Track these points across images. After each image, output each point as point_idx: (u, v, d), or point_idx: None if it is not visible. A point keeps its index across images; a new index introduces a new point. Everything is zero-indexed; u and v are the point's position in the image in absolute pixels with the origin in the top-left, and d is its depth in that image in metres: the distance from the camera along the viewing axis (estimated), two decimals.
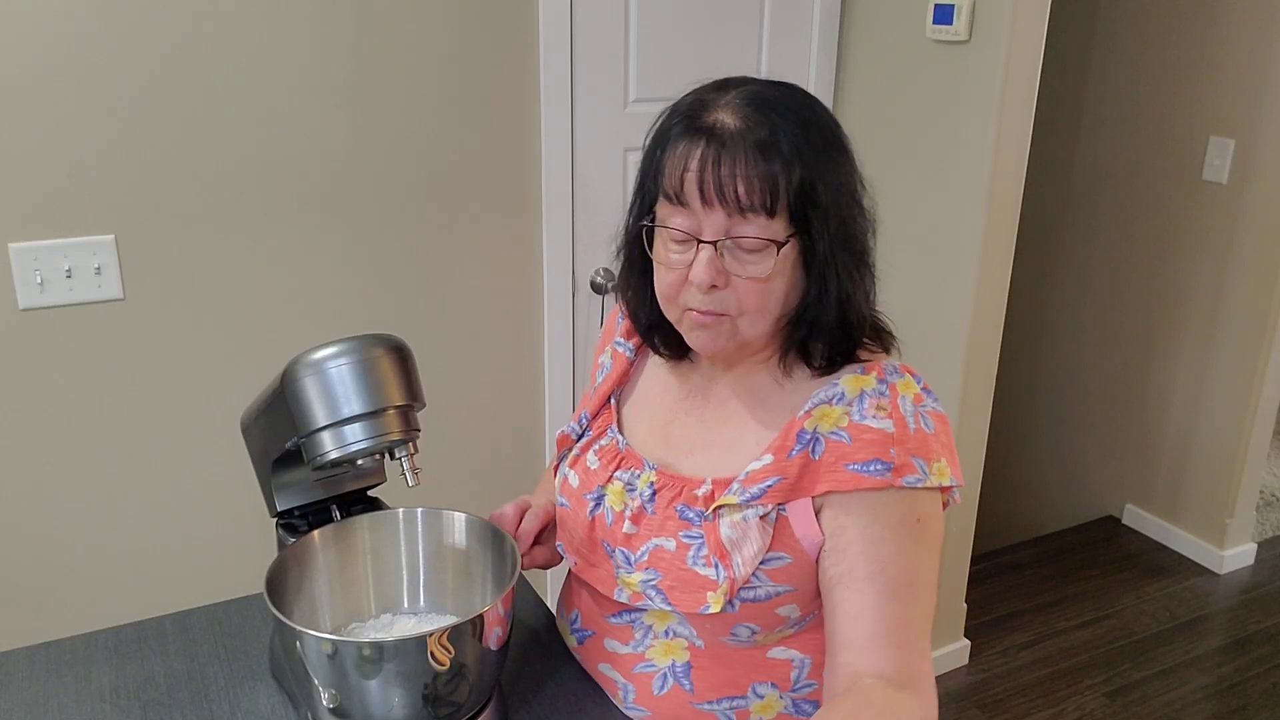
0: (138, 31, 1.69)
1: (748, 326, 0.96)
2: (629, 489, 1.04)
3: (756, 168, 0.90)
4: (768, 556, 0.95)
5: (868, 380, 0.96)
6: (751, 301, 0.94)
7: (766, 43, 2.31)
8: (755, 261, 0.92)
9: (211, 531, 1.98)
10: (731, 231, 0.91)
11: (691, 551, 0.97)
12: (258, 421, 1.09)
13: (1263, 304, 2.84)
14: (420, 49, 1.93)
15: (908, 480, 0.93)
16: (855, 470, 0.93)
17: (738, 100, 0.93)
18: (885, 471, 0.92)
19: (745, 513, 0.95)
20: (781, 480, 0.95)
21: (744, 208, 0.90)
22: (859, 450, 0.93)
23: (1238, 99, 2.83)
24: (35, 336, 1.75)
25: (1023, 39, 2.06)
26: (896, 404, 0.95)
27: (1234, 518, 3.03)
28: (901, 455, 0.93)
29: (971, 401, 2.31)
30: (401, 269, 2.04)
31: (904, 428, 0.94)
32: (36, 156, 1.68)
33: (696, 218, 0.92)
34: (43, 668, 1.10)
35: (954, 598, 2.53)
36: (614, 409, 1.12)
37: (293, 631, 0.90)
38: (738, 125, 0.91)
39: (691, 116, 0.94)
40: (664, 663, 1.01)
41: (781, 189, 0.90)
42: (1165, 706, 2.48)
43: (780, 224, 0.91)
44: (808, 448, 0.95)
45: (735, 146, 0.90)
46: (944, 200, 2.22)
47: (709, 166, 0.90)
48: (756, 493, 0.95)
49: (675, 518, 1.00)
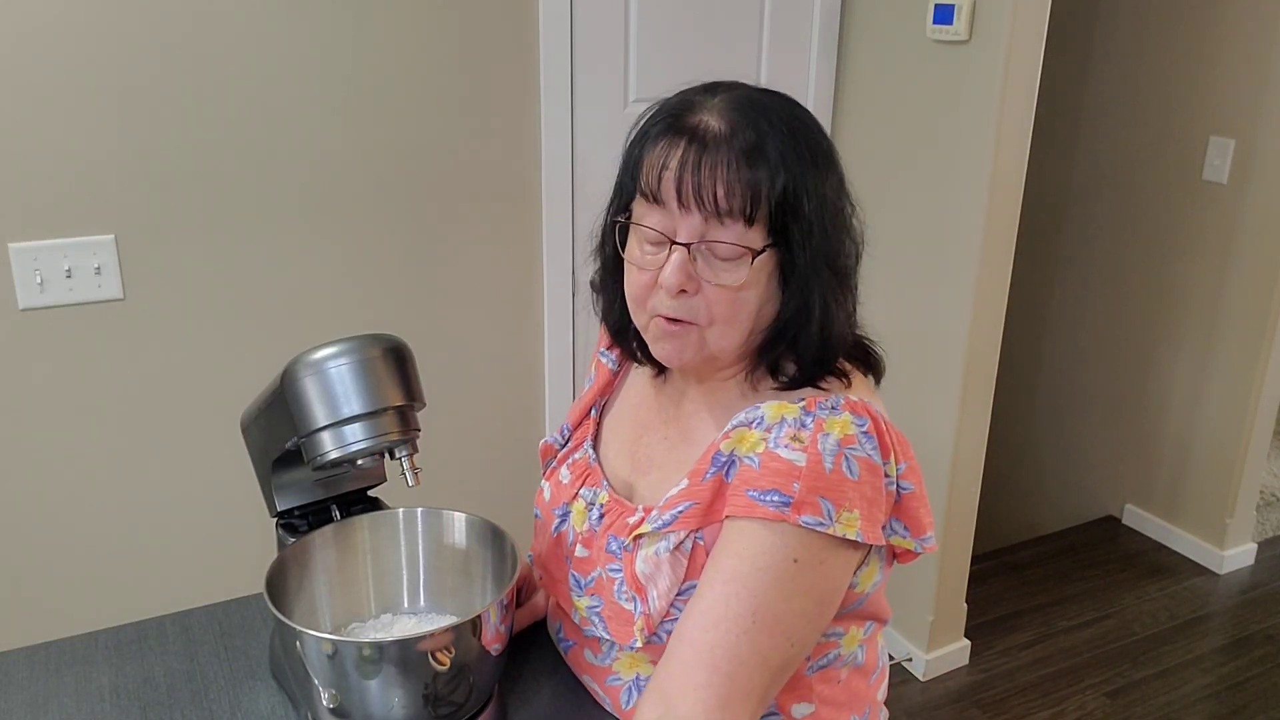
0: (138, 31, 1.69)
1: (716, 338, 0.92)
2: (590, 507, 1.02)
3: (738, 173, 0.86)
4: (684, 587, 0.91)
5: (791, 409, 0.90)
6: (721, 310, 0.90)
7: (766, 43, 2.31)
8: (728, 269, 0.88)
9: (211, 531, 1.98)
10: (707, 236, 0.88)
11: (615, 586, 0.96)
12: (258, 421, 1.09)
13: (1263, 304, 2.84)
14: (420, 48, 1.93)
15: (805, 520, 0.85)
16: (753, 497, 0.87)
17: (724, 104, 0.90)
18: (783, 506, 0.86)
19: (658, 545, 0.92)
20: (694, 505, 0.91)
21: (721, 212, 0.87)
22: (763, 478, 0.87)
23: (1238, 99, 2.83)
24: (35, 336, 1.75)
25: (1023, 39, 2.06)
26: (815, 439, 0.87)
27: (1234, 518, 3.03)
28: (805, 492, 0.86)
29: (971, 401, 2.31)
30: (401, 269, 2.03)
31: (817, 464, 0.86)
32: (36, 156, 1.68)
33: (672, 218, 0.89)
34: (43, 668, 1.10)
35: (954, 598, 2.53)
36: (594, 421, 1.10)
37: (293, 631, 0.90)
38: (722, 129, 0.88)
39: (675, 116, 0.90)
40: (629, 676, 1.01)
41: (763, 196, 0.86)
42: (1165, 706, 2.48)
43: (758, 233, 0.88)
44: (722, 470, 0.91)
45: (718, 149, 0.87)
46: (944, 200, 2.22)
47: (689, 167, 0.87)
48: (669, 519, 0.92)
49: (604, 550, 0.98)
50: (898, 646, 2.59)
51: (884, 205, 2.32)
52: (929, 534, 0.94)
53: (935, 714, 2.44)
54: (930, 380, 2.33)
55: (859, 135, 2.41)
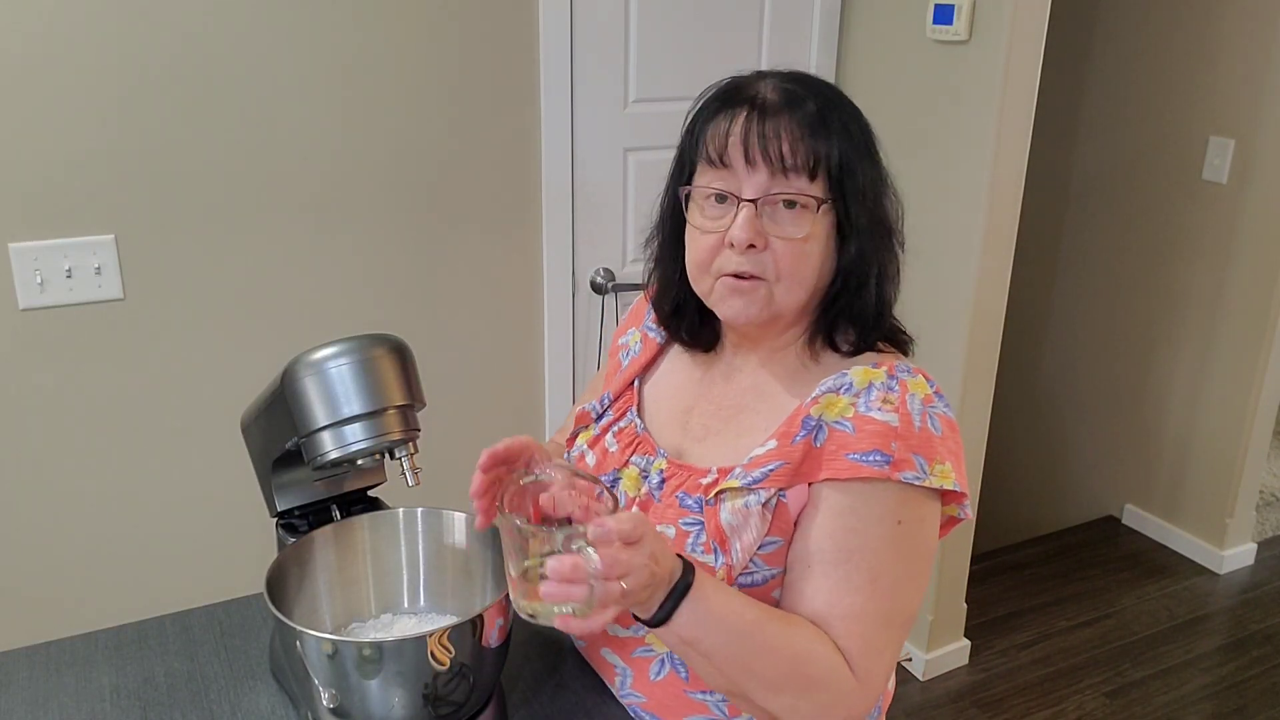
0: (138, 31, 1.69)
1: (783, 294, 0.97)
2: (643, 475, 1.05)
3: (800, 132, 0.93)
4: (765, 542, 0.95)
5: (878, 374, 0.96)
6: (787, 264, 0.95)
7: (766, 43, 2.31)
8: (793, 221, 0.94)
9: (211, 531, 1.98)
10: (772, 190, 0.94)
11: (691, 539, 0.98)
12: (258, 421, 1.09)
13: (1263, 304, 2.84)
14: (420, 49, 1.93)
15: (905, 475, 0.92)
16: (854, 460, 0.93)
17: (778, 80, 0.97)
18: (884, 463, 0.92)
19: (747, 498, 0.95)
20: (784, 465, 0.95)
21: (787, 167, 0.93)
22: (861, 440, 0.93)
23: (1238, 99, 2.83)
24: (35, 336, 1.75)
25: (1023, 39, 2.06)
26: (905, 400, 0.95)
27: (1234, 518, 3.03)
28: (903, 450, 0.92)
29: (971, 401, 2.31)
30: (401, 269, 2.04)
31: (909, 423, 0.93)
32: (36, 156, 1.68)
33: (738, 178, 0.95)
34: (43, 668, 1.10)
35: (954, 598, 2.53)
36: (636, 392, 1.13)
37: (293, 631, 0.90)
38: (779, 98, 0.95)
39: (731, 92, 0.97)
40: (663, 648, 1.01)
41: (823, 155, 0.94)
42: (1165, 706, 2.48)
43: (819, 187, 0.94)
44: (811, 434, 0.95)
45: (779, 114, 0.94)
46: (944, 200, 2.22)
47: (753, 129, 0.93)
48: (759, 476, 0.96)
49: (676, 505, 1.00)
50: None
51: None
52: (967, 501, 0.99)
53: (935, 714, 2.44)
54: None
55: None
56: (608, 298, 2.25)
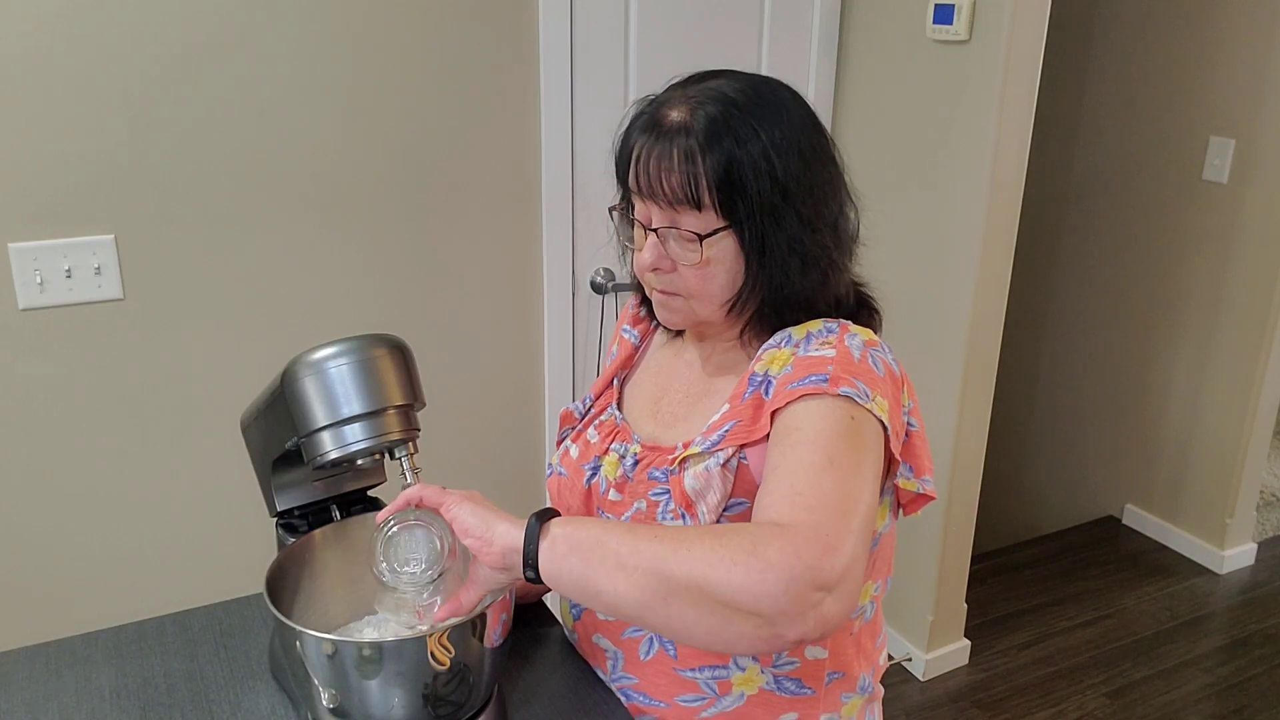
0: (138, 31, 1.69)
1: (699, 308, 1.01)
2: (622, 458, 1.07)
3: (680, 163, 0.94)
4: (731, 503, 0.96)
5: (816, 323, 0.99)
6: (693, 285, 0.99)
7: (766, 43, 2.31)
8: (688, 250, 0.97)
9: (211, 531, 1.98)
10: (673, 222, 0.97)
11: (660, 508, 1.00)
12: (258, 421, 1.09)
13: (1263, 304, 2.84)
14: (420, 49, 1.93)
15: (844, 390, 0.90)
16: (793, 386, 0.93)
17: (693, 94, 0.97)
18: (821, 381, 0.91)
19: (707, 462, 0.97)
20: (738, 424, 0.97)
21: (673, 201, 0.95)
22: (796, 373, 0.94)
23: (1238, 99, 2.83)
24: (35, 336, 1.75)
25: (1023, 39, 2.06)
26: (843, 338, 0.96)
27: (1234, 518, 3.03)
28: (840, 373, 0.92)
29: (971, 401, 2.31)
30: (401, 269, 2.04)
31: (846, 355, 0.94)
32: (36, 156, 1.68)
33: (646, 207, 0.99)
34: (43, 668, 1.10)
35: (954, 598, 2.53)
36: (616, 389, 1.17)
37: (293, 631, 0.90)
38: (679, 120, 0.95)
39: (653, 110, 0.99)
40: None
41: (703, 185, 0.94)
42: (1165, 706, 2.48)
43: (709, 216, 0.95)
44: (759, 389, 0.97)
45: (667, 142, 0.95)
46: (944, 200, 2.22)
47: (644, 162, 0.96)
48: (716, 439, 0.97)
49: (646, 480, 1.03)
50: (898, 646, 2.59)
51: (884, 205, 2.32)
52: (928, 476, 0.99)
53: (935, 714, 2.44)
54: (930, 380, 2.33)
55: (859, 135, 2.41)
56: (608, 298, 2.25)
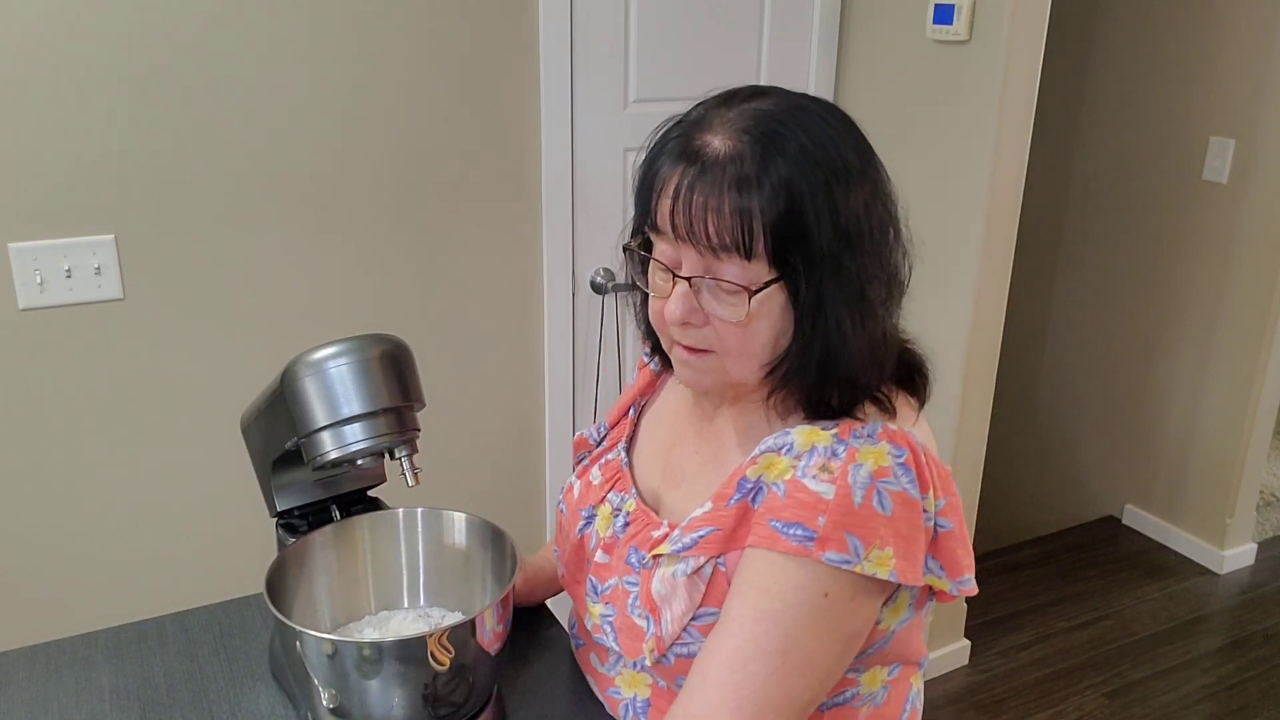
0: (138, 31, 1.69)
1: (735, 367, 0.87)
2: (616, 513, 1.00)
3: (730, 202, 0.80)
4: (700, 613, 0.88)
5: (823, 436, 0.85)
6: (731, 343, 0.86)
7: (766, 43, 2.31)
8: (729, 304, 0.83)
9: (211, 531, 1.98)
10: (710, 270, 0.83)
11: (630, 599, 0.94)
12: (258, 421, 1.09)
13: (1263, 304, 2.84)
14: (420, 49, 1.93)
15: (829, 556, 0.81)
16: (775, 528, 0.83)
17: (736, 119, 0.84)
18: (806, 540, 0.82)
19: (677, 567, 0.89)
20: (716, 531, 0.88)
21: (716, 247, 0.81)
22: (787, 509, 0.83)
23: (1238, 99, 2.83)
24: (35, 336, 1.75)
25: (1023, 39, 2.06)
26: (846, 470, 0.82)
27: (1234, 518, 3.03)
28: (832, 527, 0.81)
29: (971, 402, 2.31)
30: (401, 269, 2.04)
31: (845, 498, 0.82)
32: (36, 156, 1.67)
33: (676, 250, 0.85)
34: (43, 668, 1.10)
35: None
36: (631, 422, 1.08)
37: (293, 631, 0.90)
38: (724, 151, 0.82)
39: (686, 134, 0.85)
40: (628, 694, 1.00)
41: (757, 229, 0.80)
42: (1165, 706, 2.48)
43: (760, 266, 0.82)
44: (748, 497, 0.87)
45: (713, 177, 0.81)
46: (944, 200, 2.22)
47: (681, 198, 0.82)
48: (690, 543, 0.89)
49: (624, 564, 0.96)
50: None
51: None
52: (967, 576, 0.88)
53: (935, 714, 2.44)
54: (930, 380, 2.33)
55: None
56: (608, 298, 2.25)
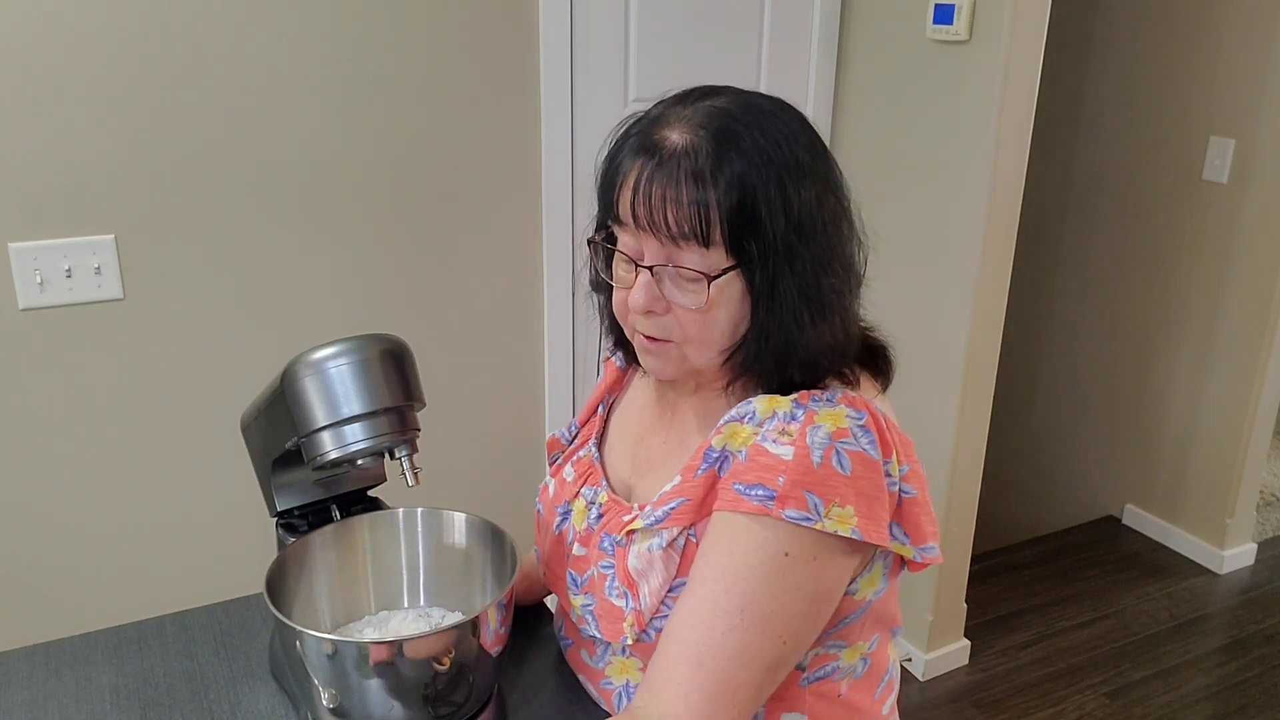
0: (137, 31, 1.69)
1: (694, 354, 0.91)
2: (589, 506, 1.02)
3: (688, 193, 0.84)
4: (675, 584, 0.91)
5: (783, 402, 0.88)
6: (691, 330, 0.89)
7: (766, 43, 2.31)
8: (691, 291, 0.87)
9: (211, 531, 1.98)
10: (671, 259, 0.87)
11: (608, 582, 0.96)
12: (258, 421, 1.09)
13: (1263, 304, 2.84)
14: (420, 48, 1.93)
15: (789, 513, 0.84)
16: (738, 491, 0.86)
17: (693, 115, 0.87)
18: (766, 499, 0.84)
19: (651, 541, 0.92)
20: (686, 502, 0.91)
21: (675, 236, 0.85)
22: (748, 472, 0.86)
23: (1238, 99, 2.83)
24: (35, 336, 1.75)
25: (1023, 39, 2.06)
26: (804, 432, 0.85)
27: (1234, 518, 3.03)
28: (791, 486, 0.84)
29: (971, 402, 2.31)
30: (401, 269, 2.04)
31: (804, 458, 0.84)
32: (36, 156, 1.68)
33: (638, 240, 0.89)
34: (43, 668, 1.10)
35: (954, 598, 2.53)
36: (601, 419, 1.10)
37: (293, 631, 0.90)
38: (682, 145, 0.85)
39: (646, 130, 0.89)
40: (619, 681, 1.00)
41: (714, 218, 0.84)
42: (1165, 706, 2.48)
43: (718, 254, 0.86)
44: (714, 466, 0.90)
45: (670, 168, 0.85)
46: (944, 200, 2.22)
47: (641, 189, 0.86)
48: (661, 515, 0.92)
49: (598, 549, 0.98)
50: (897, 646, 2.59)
51: (884, 205, 2.32)
52: (931, 544, 0.90)
53: (934, 714, 2.44)
54: (930, 380, 2.33)
55: (859, 135, 2.41)
56: None
